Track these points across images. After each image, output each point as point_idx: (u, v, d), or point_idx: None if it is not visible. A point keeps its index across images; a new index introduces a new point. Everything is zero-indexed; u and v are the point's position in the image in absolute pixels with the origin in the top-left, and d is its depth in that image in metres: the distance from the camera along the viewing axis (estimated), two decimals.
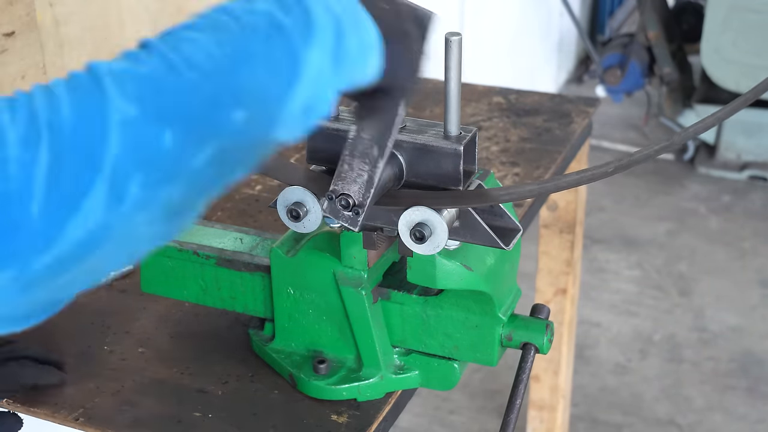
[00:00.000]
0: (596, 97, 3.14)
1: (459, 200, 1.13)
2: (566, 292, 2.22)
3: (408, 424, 2.76)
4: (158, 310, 1.44)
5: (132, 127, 0.71)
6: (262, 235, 1.37)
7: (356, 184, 1.06)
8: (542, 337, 1.23)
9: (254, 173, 1.80)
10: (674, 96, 4.17)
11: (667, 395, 2.87)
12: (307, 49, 0.79)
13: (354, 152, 1.04)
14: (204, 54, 0.75)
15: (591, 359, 3.02)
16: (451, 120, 1.14)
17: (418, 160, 1.15)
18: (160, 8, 1.94)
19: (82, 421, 1.23)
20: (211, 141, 0.75)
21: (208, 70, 0.75)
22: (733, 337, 3.11)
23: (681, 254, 3.57)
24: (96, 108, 0.70)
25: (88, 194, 0.69)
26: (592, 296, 3.32)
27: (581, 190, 2.14)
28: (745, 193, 3.99)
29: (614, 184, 4.06)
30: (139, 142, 0.71)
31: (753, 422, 2.76)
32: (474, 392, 2.87)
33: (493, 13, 3.89)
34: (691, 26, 4.32)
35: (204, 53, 0.75)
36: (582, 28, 4.53)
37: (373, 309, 1.24)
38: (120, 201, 0.71)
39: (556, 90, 4.86)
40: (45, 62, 1.70)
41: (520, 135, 1.94)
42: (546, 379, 2.34)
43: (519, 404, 1.19)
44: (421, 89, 2.16)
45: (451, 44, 1.10)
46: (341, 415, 1.23)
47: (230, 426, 1.22)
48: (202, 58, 0.75)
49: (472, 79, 2.27)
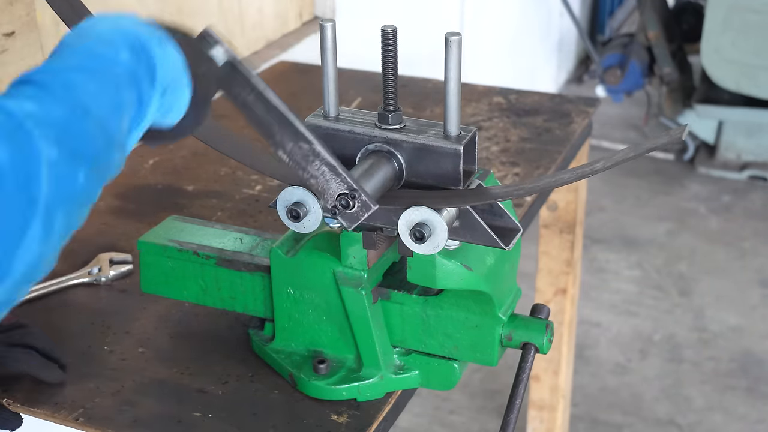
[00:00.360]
0: (596, 97, 3.14)
1: (455, 199, 1.13)
2: (566, 292, 2.22)
3: (408, 424, 2.76)
4: (158, 310, 1.44)
5: (55, 168, 0.78)
6: (262, 235, 1.37)
7: (329, 182, 1.07)
8: (542, 337, 1.23)
9: (254, 172, 1.80)
10: (674, 96, 4.17)
11: (667, 395, 2.87)
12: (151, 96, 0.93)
13: (298, 166, 1.06)
14: (93, 100, 0.85)
15: (591, 359, 3.02)
16: (451, 120, 1.14)
17: (418, 160, 1.15)
18: (160, 8, 1.94)
19: (82, 421, 1.23)
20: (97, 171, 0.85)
21: (99, 117, 0.85)
22: (733, 337, 3.11)
23: (681, 254, 3.57)
24: (27, 151, 0.77)
25: (27, 231, 0.76)
26: (592, 296, 3.32)
27: (581, 190, 2.14)
28: (745, 193, 3.99)
29: (614, 184, 4.06)
30: (60, 181, 0.79)
31: (753, 422, 2.76)
32: (474, 392, 2.87)
33: (493, 13, 3.89)
34: (691, 26, 4.32)
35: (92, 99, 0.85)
36: (582, 28, 4.53)
37: (373, 309, 1.24)
38: (49, 234, 0.79)
39: (556, 90, 4.86)
40: None
41: (520, 135, 1.94)
42: (546, 379, 2.34)
43: (519, 404, 1.19)
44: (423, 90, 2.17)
45: (451, 44, 1.10)
46: (341, 415, 1.23)
47: (230, 426, 1.22)
48: (93, 104, 0.85)
49: (472, 79, 2.27)
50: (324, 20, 1.17)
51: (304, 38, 2.44)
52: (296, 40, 2.42)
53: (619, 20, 5.40)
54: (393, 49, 1.16)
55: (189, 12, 2.03)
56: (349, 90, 2.12)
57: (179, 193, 1.76)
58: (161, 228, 1.39)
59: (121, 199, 1.74)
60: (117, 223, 1.66)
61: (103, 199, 1.73)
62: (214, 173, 1.82)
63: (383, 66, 1.17)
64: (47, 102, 0.82)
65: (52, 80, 0.84)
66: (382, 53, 1.16)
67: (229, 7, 2.18)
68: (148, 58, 0.92)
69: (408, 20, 2.93)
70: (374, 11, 2.81)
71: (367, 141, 1.18)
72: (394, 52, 1.16)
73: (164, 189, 1.78)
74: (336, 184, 1.07)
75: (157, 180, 1.81)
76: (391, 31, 1.15)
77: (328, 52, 1.18)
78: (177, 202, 1.72)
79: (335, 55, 1.19)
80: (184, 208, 1.70)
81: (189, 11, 2.03)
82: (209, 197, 1.74)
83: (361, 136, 1.18)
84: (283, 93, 2.16)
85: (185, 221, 1.41)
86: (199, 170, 1.84)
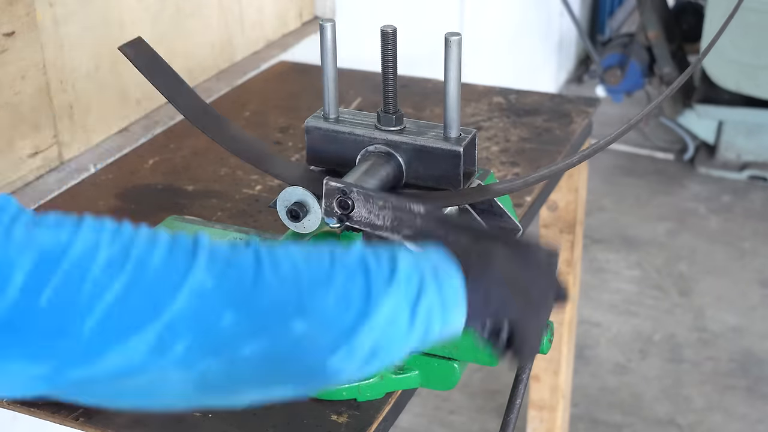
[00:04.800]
0: (596, 97, 3.14)
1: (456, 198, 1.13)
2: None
3: (408, 424, 2.76)
4: None
5: (201, 297, 0.76)
6: (262, 235, 1.37)
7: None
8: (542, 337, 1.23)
9: (255, 170, 1.80)
10: (674, 96, 4.16)
11: (667, 395, 2.87)
12: (383, 295, 0.83)
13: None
14: (290, 265, 0.82)
15: (591, 359, 3.02)
16: (450, 120, 1.14)
17: (417, 161, 1.15)
18: (160, 8, 1.94)
19: (82, 421, 1.23)
20: (265, 337, 0.79)
21: (286, 278, 0.81)
22: (733, 337, 3.11)
23: (681, 254, 3.57)
24: (181, 268, 0.77)
25: (138, 334, 0.74)
26: (592, 296, 3.32)
27: (581, 190, 2.14)
28: (745, 193, 3.99)
29: (614, 184, 4.06)
30: (201, 312, 0.76)
31: (753, 422, 2.76)
32: (474, 392, 2.87)
33: (493, 13, 3.89)
34: (691, 26, 4.32)
35: (290, 265, 0.82)
36: (582, 28, 4.53)
37: None
38: (163, 352, 0.75)
39: (556, 90, 4.86)
40: (45, 62, 1.70)
41: (520, 135, 1.94)
42: (546, 379, 2.34)
43: (519, 404, 1.19)
44: (423, 90, 2.17)
45: (451, 44, 1.10)
46: (341, 415, 1.23)
47: (230, 426, 1.22)
48: (288, 267, 0.81)
49: (472, 79, 2.27)
50: (324, 20, 1.17)
51: (304, 38, 2.44)
52: (296, 40, 2.42)
53: (619, 20, 5.40)
54: (393, 50, 1.16)
55: (189, 12, 2.03)
56: (349, 90, 2.12)
57: (179, 193, 1.76)
58: (161, 228, 1.39)
59: (121, 199, 1.74)
60: None
61: (103, 199, 1.73)
62: (214, 173, 1.82)
63: (383, 66, 1.17)
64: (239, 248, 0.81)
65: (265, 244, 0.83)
66: (381, 53, 1.16)
67: (229, 7, 2.18)
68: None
69: (408, 20, 2.93)
70: (374, 11, 2.81)
71: (367, 143, 1.18)
72: (394, 52, 1.16)
73: (164, 189, 1.78)
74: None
75: (157, 180, 1.81)
76: (390, 32, 1.15)
77: (328, 52, 1.19)
78: (177, 202, 1.72)
79: (335, 55, 1.19)
80: (184, 208, 1.70)
81: (189, 11, 2.03)
82: (209, 197, 1.74)
83: (361, 138, 1.18)
84: (283, 93, 2.16)
85: (185, 221, 1.42)
86: (199, 170, 1.84)
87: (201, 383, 0.79)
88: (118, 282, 0.74)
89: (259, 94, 2.16)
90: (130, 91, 1.93)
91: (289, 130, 1.99)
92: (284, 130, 1.99)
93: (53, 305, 0.72)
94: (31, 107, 1.68)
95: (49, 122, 1.73)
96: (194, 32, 2.07)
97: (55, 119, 1.75)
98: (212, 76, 2.19)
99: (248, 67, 2.25)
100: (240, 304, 0.78)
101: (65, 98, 1.76)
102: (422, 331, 0.86)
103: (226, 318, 0.77)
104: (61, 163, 1.79)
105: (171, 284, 0.76)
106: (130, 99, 1.94)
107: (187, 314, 0.76)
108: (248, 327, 0.78)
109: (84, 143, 1.84)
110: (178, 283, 0.76)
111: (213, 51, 2.17)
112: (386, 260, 0.85)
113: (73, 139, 1.81)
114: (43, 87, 1.70)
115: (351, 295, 0.82)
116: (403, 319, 0.84)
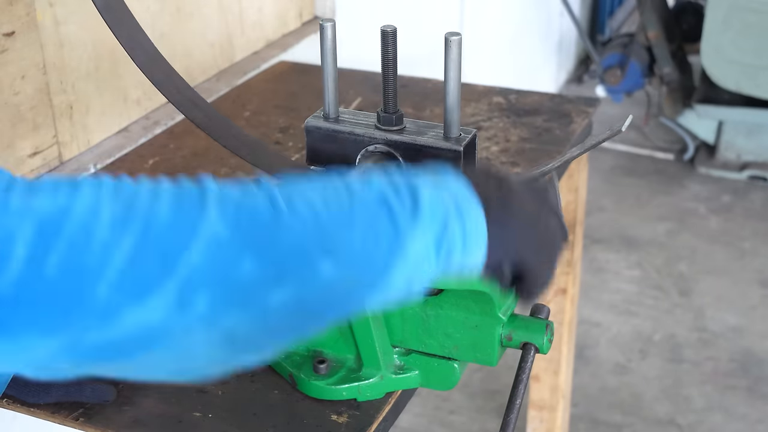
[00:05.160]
0: (596, 97, 3.14)
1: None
2: (566, 292, 2.22)
3: (408, 424, 2.76)
4: None
5: (217, 247, 0.72)
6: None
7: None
8: (542, 337, 1.23)
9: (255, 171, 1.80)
10: (674, 96, 4.16)
11: (667, 395, 2.87)
12: (411, 230, 0.82)
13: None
14: (307, 206, 0.78)
15: (591, 359, 3.02)
16: (451, 120, 1.14)
17: (417, 161, 1.15)
18: (160, 8, 1.94)
19: (82, 421, 1.23)
20: (291, 283, 0.76)
21: (305, 219, 0.77)
22: (733, 337, 3.11)
23: (681, 254, 3.57)
24: (191, 219, 0.73)
25: (155, 292, 0.70)
26: (592, 296, 3.32)
27: (581, 190, 2.14)
28: (745, 193, 3.99)
29: (614, 184, 4.06)
30: (218, 262, 0.72)
31: (753, 422, 2.76)
32: (474, 392, 2.87)
33: (493, 13, 3.89)
34: (691, 26, 4.32)
35: (307, 206, 0.78)
36: (582, 28, 4.53)
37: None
38: (183, 309, 0.72)
39: (556, 90, 4.86)
40: (45, 62, 1.70)
41: (520, 135, 1.94)
42: (546, 379, 2.34)
43: (519, 404, 1.19)
44: (423, 90, 2.17)
45: (451, 44, 1.10)
46: (341, 415, 1.23)
47: (230, 426, 1.22)
48: (305, 208, 0.78)
49: (472, 79, 2.27)
50: (324, 20, 1.17)
51: (304, 38, 2.44)
52: (296, 40, 2.42)
53: (619, 20, 5.40)
54: (393, 50, 1.16)
55: (189, 12, 2.03)
56: (349, 90, 2.12)
57: None
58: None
59: None
60: None
61: None
62: (214, 173, 1.82)
63: (383, 66, 1.17)
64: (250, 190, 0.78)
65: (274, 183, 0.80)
66: (381, 53, 1.16)
67: (229, 7, 2.18)
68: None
69: (408, 20, 2.93)
70: (374, 11, 2.81)
71: (368, 142, 1.18)
72: (393, 52, 1.16)
73: None
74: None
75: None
76: (390, 32, 1.15)
77: (328, 52, 1.19)
78: None
79: (335, 55, 1.19)
80: None
81: (189, 11, 2.03)
82: None
83: (362, 138, 1.18)
84: (283, 93, 2.16)
85: None
86: (199, 170, 1.84)
87: (229, 341, 0.75)
88: (127, 240, 0.70)
89: (259, 94, 2.16)
90: (130, 91, 1.93)
91: (289, 130, 1.99)
92: (284, 130, 1.99)
93: (61, 273, 0.68)
94: (30, 107, 1.68)
95: (48, 122, 1.73)
96: (194, 32, 2.07)
97: (55, 119, 1.75)
98: (212, 76, 2.19)
99: (248, 67, 2.25)
100: (259, 249, 0.74)
101: (65, 98, 1.76)
102: (445, 263, 0.85)
103: (245, 266, 0.73)
104: (61, 163, 1.79)
105: (183, 237, 0.72)
106: (130, 99, 1.94)
107: (204, 267, 0.71)
108: (272, 273, 0.74)
109: (84, 143, 1.84)
110: (190, 235, 0.72)
111: (213, 51, 2.17)
112: (407, 194, 0.83)
113: (72, 139, 1.81)
114: (43, 87, 1.70)
115: (379, 233, 0.80)
116: (431, 252, 0.83)
